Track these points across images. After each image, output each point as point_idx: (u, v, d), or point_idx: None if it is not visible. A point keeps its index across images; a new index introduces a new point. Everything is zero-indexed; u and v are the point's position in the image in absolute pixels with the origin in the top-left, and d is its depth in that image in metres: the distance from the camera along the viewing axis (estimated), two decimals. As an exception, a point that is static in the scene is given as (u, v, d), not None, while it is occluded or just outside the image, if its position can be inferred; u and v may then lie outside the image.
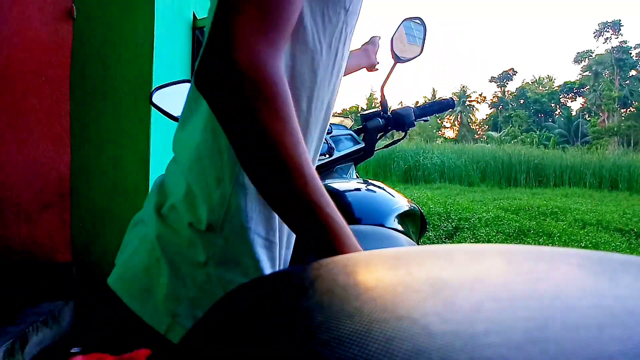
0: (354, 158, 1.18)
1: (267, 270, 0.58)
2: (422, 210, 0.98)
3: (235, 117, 0.42)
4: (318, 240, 0.45)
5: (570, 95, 52.91)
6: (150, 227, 0.60)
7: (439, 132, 54.52)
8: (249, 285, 0.35)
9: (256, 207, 0.57)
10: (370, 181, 1.03)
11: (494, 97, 58.16)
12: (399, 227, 0.82)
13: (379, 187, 0.96)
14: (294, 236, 0.65)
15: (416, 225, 0.93)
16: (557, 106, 52.49)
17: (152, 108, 1.25)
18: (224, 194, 0.55)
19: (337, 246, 0.45)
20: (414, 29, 1.19)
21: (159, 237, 0.59)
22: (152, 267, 0.59)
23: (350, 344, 0.21)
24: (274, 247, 0.59)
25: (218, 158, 0.56)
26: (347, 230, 0.47)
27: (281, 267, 0.62)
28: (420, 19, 1.19)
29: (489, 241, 5.05)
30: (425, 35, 1.18)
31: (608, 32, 48.86)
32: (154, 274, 0.58)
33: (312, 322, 0.24)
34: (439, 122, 54.84)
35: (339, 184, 0.96)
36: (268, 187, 0.45)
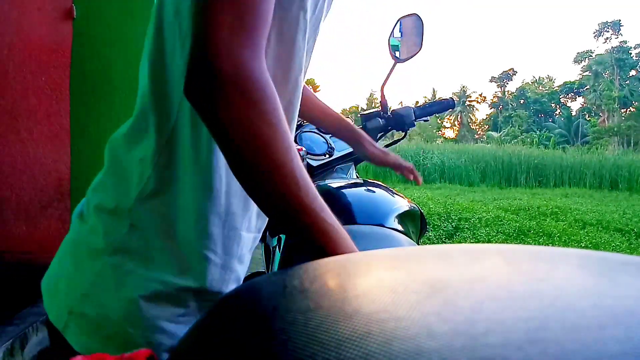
0: (354, 158, 1.18)
1: (173, 262, 0.53)
2: (422, 210, 0.98)
3: (225, 126, 0.42)
4: (313, 243, 0.45)
5: (570, 95, 52.90)
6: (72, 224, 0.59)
7: (439, 132, 54.52)
8: (247, 287, 0.35)
9: (175, 195, 0.53)
10: (370, 181, 1.02)
11: (494, 97, 58.18)
12: (399, 227, 0.82)
13: (379, 187, 0.96)
14: (235, 239, 0.58)
15: (416, 225, 0.93)
16: (557, 106, 52.50)
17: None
18: (142, 175, 0.52)
19: (331, 249, 0.44)
20: (411, 26, 1.18)
21: (71, 230, 0.57)
22: (61, 261, 0.57)
23: (350, 345, 0.21)
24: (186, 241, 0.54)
25: (145, 137, 0.53)
26: (342, 232, 0.46)
27: (208, 267, 0.55)
28: (416, 15, 1.19)
29: (489, 241, 5.05)
30: (422, 32, 1.17)
31: (608, 32, 48.87)
32: (62, 268, 0.56)
33: (311, 324, 0.24)
34: (439, 122, 54.85)
35: (339, 184, 0.96)
36: (261, 193, 0.44)
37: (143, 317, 0.51)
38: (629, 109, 44.17)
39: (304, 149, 0.98)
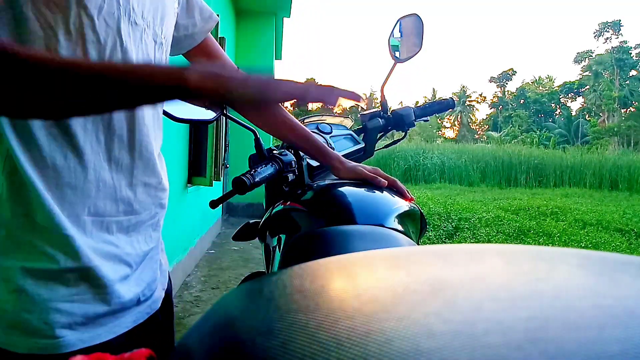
0: (354, 158, 1.18)
1: (44, 250, 0.57)
2: (422, 211, 0.98)
3: None
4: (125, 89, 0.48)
5: (570, 95, 52.91)
6: None
7: (439, 132, 54.56)
8: (246, 287, 0.35)
9: (22, 194, 0.56)
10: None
11: (494, 97, 58.21)
12: (399, 227, 0.82)
13: (378, 187, 0.96)
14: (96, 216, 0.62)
15: (416, 225, 0.93)
16: (557, 106, 52.50)
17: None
18: None
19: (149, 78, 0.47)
20: (411, 26, 1.18)
21: None
22: None
23: (350, 345, 0.21)
24: (36, 228, 0.57)
25: None
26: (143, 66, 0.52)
27: (74, 247, 0.59)
28: (416, 15, 1.19)
29: (489, 241, 5.05)
30: (422, 32, 1.17)
31: (608, 32, 48.88)
32: None
33: (312, 324, 0.24)
34: (439, 122, 54.87)
35: (338, 184, 0.96)
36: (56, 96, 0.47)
37: (35, 302, 0.56)
38: (629, 109, 44.18)
39: (304, 148, 0.98)
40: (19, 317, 0.56)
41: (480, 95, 58.86)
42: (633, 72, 46.52)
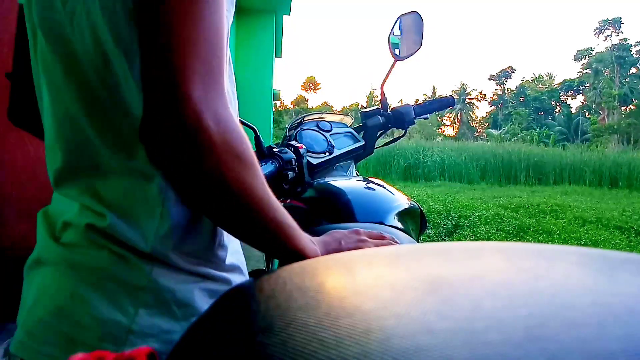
0: (354, 156, 1.18)
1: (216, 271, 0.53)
2: (422, 208, 0.98)
3: (204, 179, 0.42)
4: (283, 250, 0.49)
5: (570, 92, 52.83)
6: (50, 261, 0.51)
7: (439, 129, 54.52)
8: (247, 284, 0.35)
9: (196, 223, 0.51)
10: (370, 179, 1.02)
11: (493, 95, 58.16)
12: (399, 225, 0.82)
13: (378, 185, 0.96)
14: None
15: (416, 223, 0.93)
16: (557, 104, 52.44)
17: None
18: (154, 213, 0.49)
19: (294, 246, 0.49)
20: (411, 24, 1.18)
21: (68, 266, 0.49)
22: (67, 307, 0.47)
23: (350, 343, 0.21)
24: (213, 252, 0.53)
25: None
26: (300, 230, 0.51)
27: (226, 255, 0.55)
28: (416, 13, 1.18)
29: (488, 239, 5.05)
30: (422, 29, 1.17)
31: (608, 29, 48.79)
32: (73, 314, 0.46)
33: (311, 321, 0.24)
34: (439, 120, 54.83)
35: (338, 182, 0.96)
36: (242, 227, 0.47)
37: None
38: (629, 107, 44.11)
39: (304, 146, 0.98)
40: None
41: (480, 93, 58.85)
42: (633, 70, 46.45)
